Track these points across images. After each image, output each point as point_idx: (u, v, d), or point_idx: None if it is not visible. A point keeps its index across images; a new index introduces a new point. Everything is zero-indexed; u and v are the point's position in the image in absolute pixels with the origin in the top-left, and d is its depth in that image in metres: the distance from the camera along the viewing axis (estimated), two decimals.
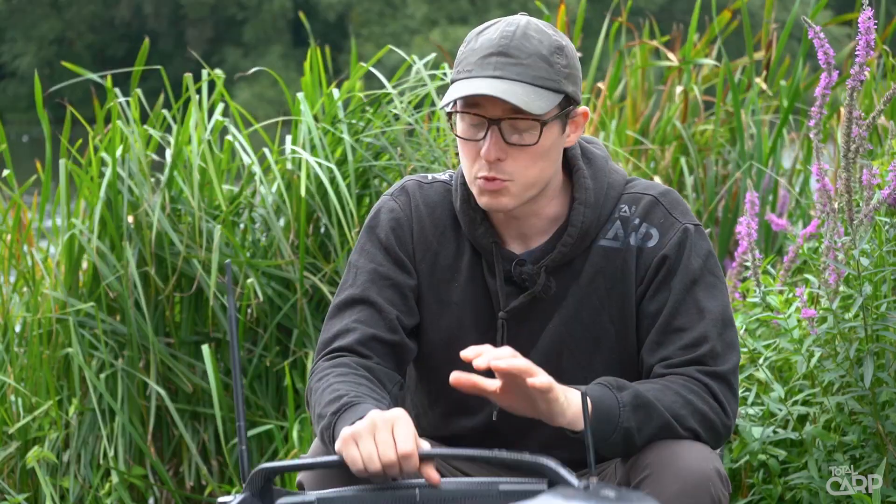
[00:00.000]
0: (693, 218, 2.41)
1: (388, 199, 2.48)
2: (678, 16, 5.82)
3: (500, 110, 2.30)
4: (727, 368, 2.33)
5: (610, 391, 2.25)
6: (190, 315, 4.14)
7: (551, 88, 2.31)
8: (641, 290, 2.38)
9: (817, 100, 3.02)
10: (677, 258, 2.37)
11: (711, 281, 2.37)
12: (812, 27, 2.92)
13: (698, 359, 2.32)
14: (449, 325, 2.44)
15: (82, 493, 3.97)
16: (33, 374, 4.09)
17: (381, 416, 2.11)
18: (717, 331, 2.34)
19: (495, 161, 2.31)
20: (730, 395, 2.33)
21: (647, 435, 2.25)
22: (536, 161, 2.33)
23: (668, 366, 2.33)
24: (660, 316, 2.35)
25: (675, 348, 2.34)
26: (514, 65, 2.29)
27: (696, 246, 2.38)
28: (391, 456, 2.08)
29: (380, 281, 2.42)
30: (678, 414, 2.26)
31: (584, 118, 2.39)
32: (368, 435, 2.09)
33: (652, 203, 2.40)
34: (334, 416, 2.23)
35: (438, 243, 2.45)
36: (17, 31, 30.07)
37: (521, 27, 2.32)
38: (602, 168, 2.43)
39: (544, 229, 2.42)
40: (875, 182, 2.96)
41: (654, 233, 2.39)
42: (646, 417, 2.24)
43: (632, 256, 2.38)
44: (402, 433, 2.09)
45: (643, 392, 2.26)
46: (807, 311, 2.99)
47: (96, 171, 4.10)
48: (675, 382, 2.30)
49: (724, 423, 2.32)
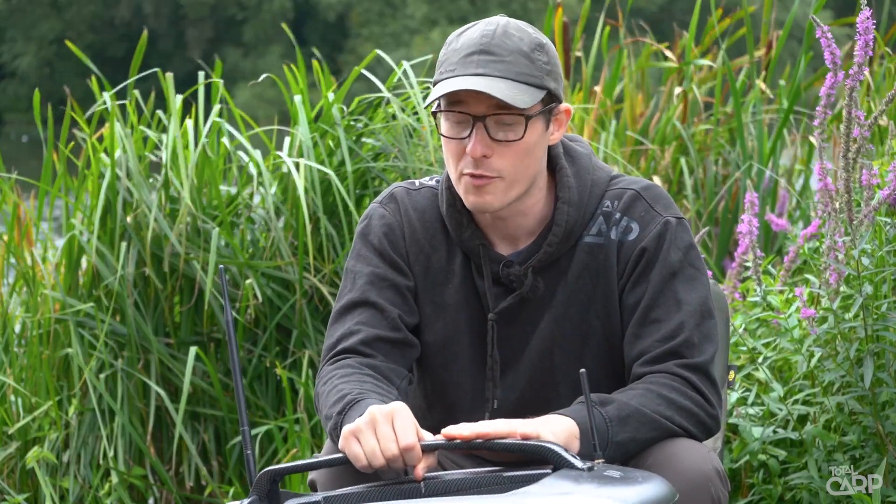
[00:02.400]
0: (676, 211, 2.41)
1: (377, 207, 2.50)
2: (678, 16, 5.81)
3: (485, 107, 2.31)
4: (704, 359, 2.33)
5: (595, 409, 2.24)
6: (189, 315, 4.14)
7: (534, 84, 2.31)
8: (622, 283, 2.39)
9: (822, 99, 3.02)
10: (656, 250, 2.36)
11: (691, 273, 2.37)
12: (820, 26, 2.92)
13: (674, 349, 2.32)
14: (444, 328, 2.44)
15: (82, 494, 3.97)
16: (33, 374, 4.09)
17: (381, 409, 2.11)
18: (694, 322, 2.33)
19: (481, 158, 2.32)
20: (709, 385, 2.33)
21: (642, 441, 2.25)
22: (522, 157, 2.33)
23: (646, 361, 2.33)
24: (638, 308, 2.36)
25: (652, 340, 2.33)
26: (497, 62, 2.30)
27: (676, 238, 2.38)
28: (393, 449, 2.08)
29: (378, 282, 2.43)
30: (666, 414, 2.26)
31: (567, 116, 2.39)
32: (369, 430, 2.09)
33: (633, 197, 2.41)
34: (340, 416, 2.23)
35: (430, 247, 2.46)
36: (17, 31, 30.05)
37: (502, 26, 2.34)
38: (585, 166, 2.44)
39: (531, 230, 2.42)
40: (875, 182, 2.96)
41: (635, 226, 2.39)
42: (636, 425, 2.24)
43: (613, 250, 2.39)
44: (403, 426, 2.09)
45: (627, 402, 2.26)
46: (806, 310, 2.98)
47: (95, 171, 4.10)
48: (655, 383, 2.30)
49: (709, 413, 2.31)
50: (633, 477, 2.01)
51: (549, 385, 2.41)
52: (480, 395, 2.45)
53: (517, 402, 2.43)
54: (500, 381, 2.44)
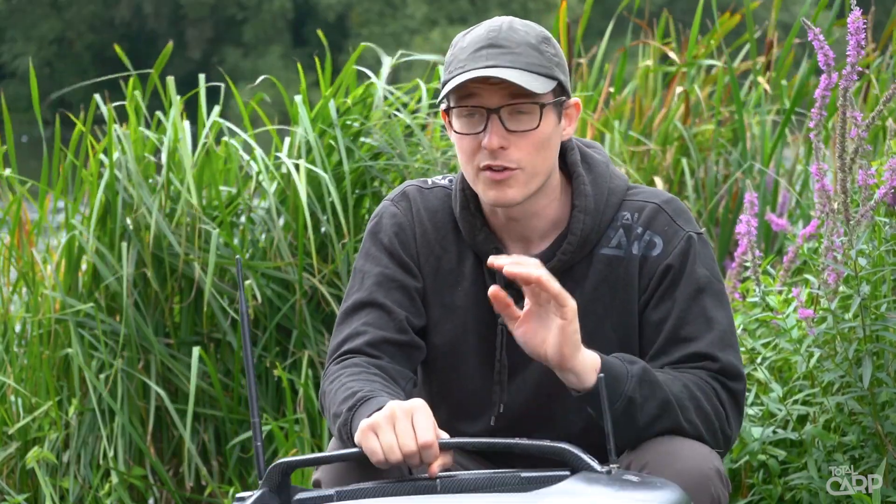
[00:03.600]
0: (696, 226, 2.40)
1: (389, 205, 2.48)
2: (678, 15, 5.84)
3: (498, 98, 2.30)
4: (737, 388, 2.33)
5: (620, 361, 2.25)
6: (189, 316, 4.14)
7: (544, 74, 2.31)
8: (645, 298, 2.37)
9: (817, 101, 3.02)
10: (681, 267, 2.35)
11: (719, 289, 2.37)
12: (812, 29, 2.92)
13: (709, 369, 2.33)
14: (453, 329, 2.43)
15: (82, 494, 3.97)
16: (33, 374, 4.09)
17: (401, 405, 2.09)
18: (725, 343, 2.33)
19: (498, 149, 2.31)
20: (735, 408, 2.33)
21: (648, 413, 2.24)
22: (539, 148, 2.32)
23: (678, 369, 2.34)
24: (665, 325, 2.34)
25: (682, 356, 2.33)
26: (506, 53, 2.30)
27: (700, 254, 2.37)
28: (411, 446, 2.06)
29: (387, 283, 2.42)
30: (682, 403, 2.26)
31: (577, 110, 2.39)
32: (388, 425, 2.08)
33: (655, 211, 2.39)
34: (350, 412, 2.21)
35: (441, 248, 2.45)
36: (17, 31, 30.05)
37: (507, 22, 2.35)
38: (602, 174, 2.42)
39: (545, 233, 2.41)
40: (872, 182, 2.96)
41: (658, 241, 2.38)
42: (650, 393, 2.24)
43: (634, 265, 2.37)
44: (422, 423, 2.08)
45: (652, 372, 2.26)
46: (803, 311, 2.99)
47: (95, 171, 4.10)
48: (686, 377, 2.30)
49: (724, 431, 2.31)
50: (651, 482, 2.01)
51: (556, 393, 2.37)
52: (487, 399, 2.44)
53: (523, 407, 2.42)
54: (508, 386, 2.43)
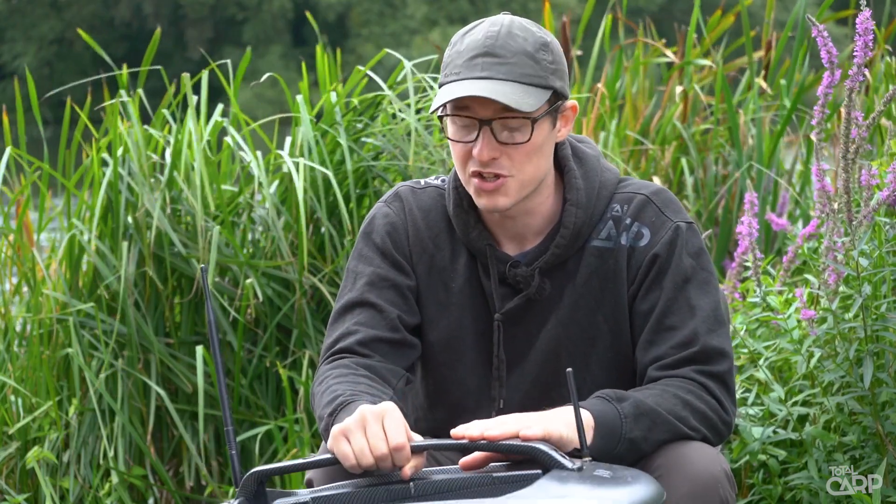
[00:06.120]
0: (686, 216, 2.41)
1: (382, 206, 2.50)
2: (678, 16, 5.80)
3: (491, 110, 2.31)
4: (722, 368, 2.33)
5: (610, 403, 2.24)
6: (190, 315, 4.14)
7: (539, 85, 2.32)
8: (633, 289, 2.39)
9: (819, 99, 3.02)
10: (668, 257, 2.37)
11: (704, 277, 2.37)
12: (816, 25, 2.92)
13: (691, 357, 2.32)
14: (448, 326, 2.44)
15: (82, 494, 3.97)
16: (33, 374, 4.09)
17: (371, 409, 2.10)
18: (708, 327, 2.34)
19: (489, 160, 2.32)
20: (726, 392, 2.33)
21: (653, 441, 2.25)
22: (530, 158, 2.34)
23: (662, 367, 2.33)
24: (652, 315, 2.36)
25: (667, 347, 2.34)
26: (501, 64, 2.30)
27: (687, 244, 2.38)
28: (383, 449, 2.07)
29: (379, 283, 2.43)
30: (680, 416, 2.27)
31: (574, 112, 2.40)
32: (358, 429, 2.09)
33: (644, 202, 2.41)
34: (331, 418, 2.23)
35: (434, 246, 2.46)
36: (16, 31, 30.04)
37: (506, 26, 2.33)
38: (594, 167, 2.44)
39: (538, 230, 2.43)
40: (874, 183, 2.96)
41: (646, 232, 2.39)
42: (650, 424, 2.24)
43: (623, 256, 2.39)
44: (393, 426, 2.09)
45: (643, 399, 2.26)
46: (806, 311, 2.99)
47: (97, 170, 4.10)
48: (672, 385, 2.30)
49: (724, 420, 2.32)
50: (623, 476, 2.02)
51: (554, 386, 2.41)
52: (486, 395, 2.45)
53: (522, 401, 2.43)
54: (506, 381, 2.44)
